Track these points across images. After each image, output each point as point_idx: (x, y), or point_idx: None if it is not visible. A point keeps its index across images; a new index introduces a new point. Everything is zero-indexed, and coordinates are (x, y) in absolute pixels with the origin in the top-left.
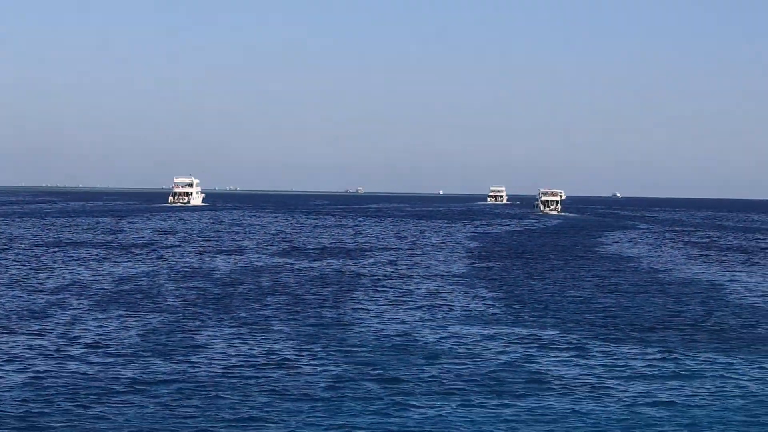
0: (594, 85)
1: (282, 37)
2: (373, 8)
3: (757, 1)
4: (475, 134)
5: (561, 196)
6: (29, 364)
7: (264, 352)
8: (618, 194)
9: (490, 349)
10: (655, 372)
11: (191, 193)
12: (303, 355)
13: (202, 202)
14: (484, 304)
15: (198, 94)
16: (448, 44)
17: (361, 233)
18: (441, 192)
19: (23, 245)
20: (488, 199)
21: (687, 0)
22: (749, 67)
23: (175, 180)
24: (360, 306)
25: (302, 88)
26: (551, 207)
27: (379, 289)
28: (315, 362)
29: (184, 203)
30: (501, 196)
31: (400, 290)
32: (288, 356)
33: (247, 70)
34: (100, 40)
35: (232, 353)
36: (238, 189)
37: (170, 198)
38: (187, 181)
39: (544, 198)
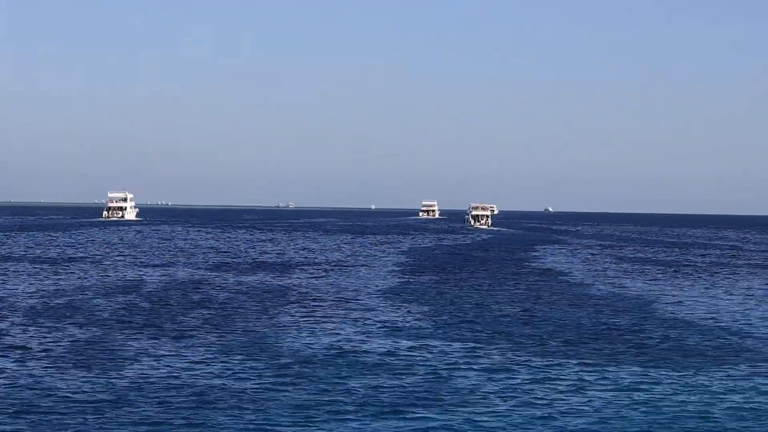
0: (527, 100)
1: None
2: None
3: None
4: (408, 148)
5: (493, 210)
6: None
7: (191, 364)
8: (550, 209)
9: (419, 362)
10: (583, 384)
11: (125, 207)
12: (230, 368)
13: (136, 217)
14: (414, 317)
15: (130, 107)
16: (378, 57)
17: (291, 247)
18: (373, 206)
19: None
20: (420, 213)
21: (613, 15)
22: (674, 84)
23: (110, 195)
24: (289, 319)
25: (231, 101)
26: (481, 221)
27: (308, 302)
28: (242, 375)
29: (119, 218)
30: (433, 211)
31: (330, 304)
32: (215, 368)
33: (174, 86)
34: (29, 49)
35: (159, 366)
36: (169, 204)
37: (104, 213)
38: (122, 196)
39: (474, 213)
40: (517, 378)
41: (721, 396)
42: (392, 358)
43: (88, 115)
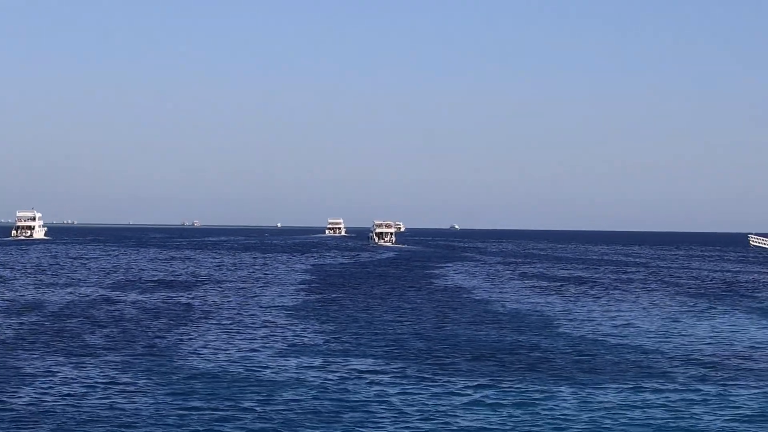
0: (431, 118)
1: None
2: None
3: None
4: (315, 166)
5: (399, 228)
6: None
7: (92, 382)
8: (456, 226)
9: (318, 379)
10: (479, 400)
11: (34, 227)
12: (129, 386)
13: (45, 235)
14: (317, 335)
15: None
16: (282, 73)
17: (197, 266)
18: (279, 224)
19: None
20: (326, 231)
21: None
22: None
23: (18, 214)
24: (191, 337)
25: (136, 118)
26: (385, 239)
27: (212, 320)
28: (140, 393)
29: (27, 237)
30: (339, 228)
31: (234, 321)
32: (114, 387)
33: (79, 102)
34: None
35: (59, 383)
36: (75, 222)
37: (13, 232)
38: (30, 215)
39: (378, 230)
40: (414, 395)
41: (614, 411)
42: (292, 376)
43: None
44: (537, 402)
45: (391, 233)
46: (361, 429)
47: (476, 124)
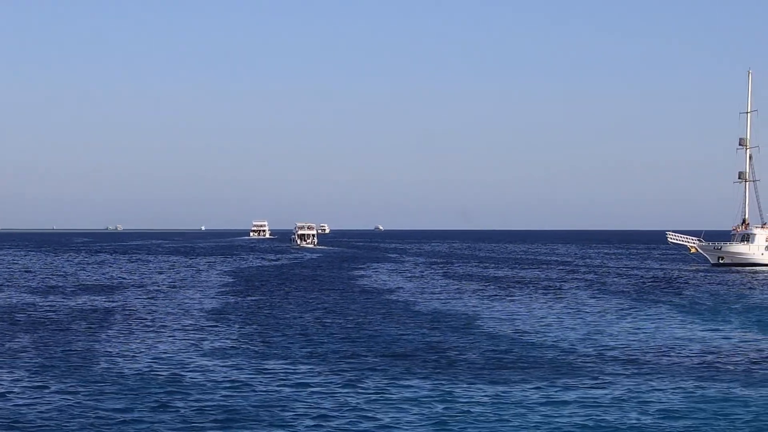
0: (348, 121)
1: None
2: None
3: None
4: (240, 168)
5: (324, 229)
6: None
7: (7, 386)
8: (380, 227)
9: (239, 380)
10: (389, 398)
11: None
12: (48, 388)
13: None
14: (237, 336)
15: None
16: (203, 77)
17: (119, 269)
18: (203, 228)
19: None
20: (251, 233)
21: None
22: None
23: None
24: (113, 340)
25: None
26: (307, 240)
27: (134, 323)
28: (58, 396)
29: None
30: (264, 231)
31: (156, 324)
32: (31, 391)
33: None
34: None
35: None
36: None
37: None
38: None
39: (300, 232)
40: (331, 393)
41: (530, 408)
42: (212, 377)
43: None
44: (451, 398)
45: (313, 235)
46: (276, 428)
47: (400, 125)
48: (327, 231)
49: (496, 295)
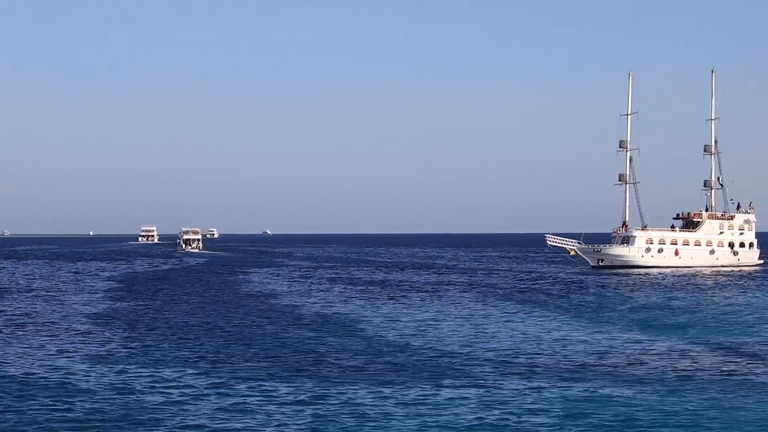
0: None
1: None
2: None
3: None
4: (128, 173)
5: (213, 234)
6: None
7: None
8: (269, 231)
9: (114, 385)
10: (280, 400)
11: None
12: None
13: None
14: (119, 341)
15: None
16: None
17: (4, 275)
18: (91, 233)
19: None
20: (140, 239)
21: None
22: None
23: None
24: None
25: None
26: (192, 245)
27: (19, 329)
28: None
29: None
30: (152, 236)
31: (39, 330)
32: None
33: None
34: None
35: None
36: None
37: None
38: None
39: (185, 237)
40: (203, 397)
41: (410, 410)
42: (93, 381)
43: None
44: (322, 400)
45: (198, 240)
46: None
47: (279, 131)
48: (216, 236)
49: (378, 299)
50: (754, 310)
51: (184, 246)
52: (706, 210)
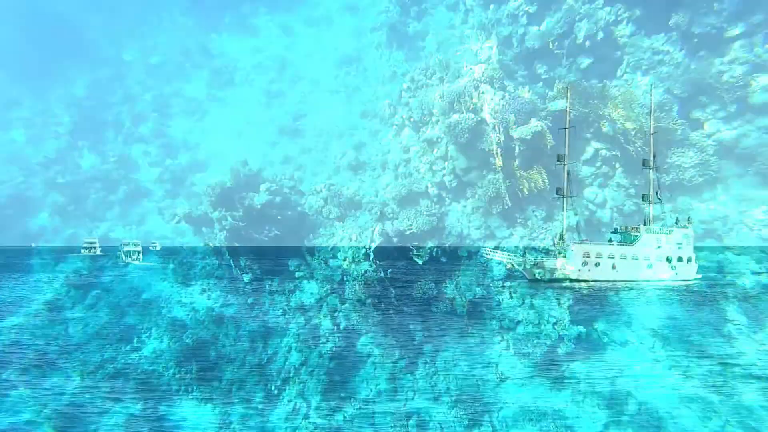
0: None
1: None
2: None
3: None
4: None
5: (156, 246)
6: None
7: None
8: (211, 244)
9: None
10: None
11: None
12: None
13: None
14: (40, 352)
15: None
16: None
17: None
18: (33, 244)
19: None
20: (82, 251)
21: None
22: None
23: None
24: None
25: None
26: (133, 257)
27: None
28: None
29: None
30: (95, 248)
31: None
32: None
33: None
34: None
35: None
36: None
37: None
38: None
39: (126, 249)
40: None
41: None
42: None
43: None
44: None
45: (139, 252)
46: None
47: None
48: (158, 248)
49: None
50: (695, 324)
51: (124, 258)
52: (644, 224)
